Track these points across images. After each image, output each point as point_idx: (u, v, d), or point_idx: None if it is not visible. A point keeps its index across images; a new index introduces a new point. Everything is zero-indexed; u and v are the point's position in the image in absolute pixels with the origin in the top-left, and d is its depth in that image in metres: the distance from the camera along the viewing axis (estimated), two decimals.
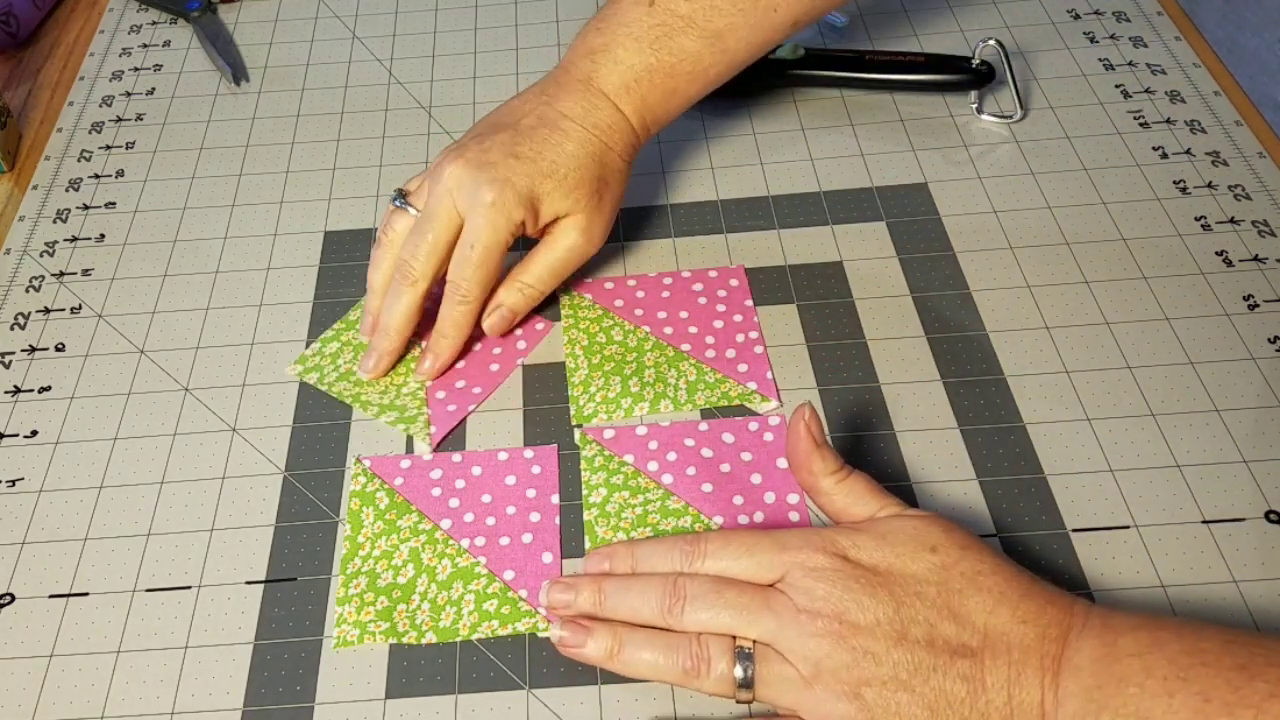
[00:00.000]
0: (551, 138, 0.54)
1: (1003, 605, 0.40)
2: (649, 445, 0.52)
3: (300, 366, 0.56)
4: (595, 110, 0.55)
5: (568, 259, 0.56)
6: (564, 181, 0.53)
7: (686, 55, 0.56)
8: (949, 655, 0.39)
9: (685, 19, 0.55)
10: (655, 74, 0.56)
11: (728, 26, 0.56)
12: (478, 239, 0.53)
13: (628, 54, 0.56)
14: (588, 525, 0.49)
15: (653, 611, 0.43)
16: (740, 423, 0.53)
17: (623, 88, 0.56)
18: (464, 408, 0.54)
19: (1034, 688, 0.38)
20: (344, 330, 0.58)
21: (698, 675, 0.41)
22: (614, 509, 0.50)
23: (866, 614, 0.40)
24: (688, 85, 0.57)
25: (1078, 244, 0.59)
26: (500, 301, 0.55)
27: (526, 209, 0.53)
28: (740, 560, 0.43)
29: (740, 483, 0.50)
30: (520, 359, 0.56)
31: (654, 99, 0.56)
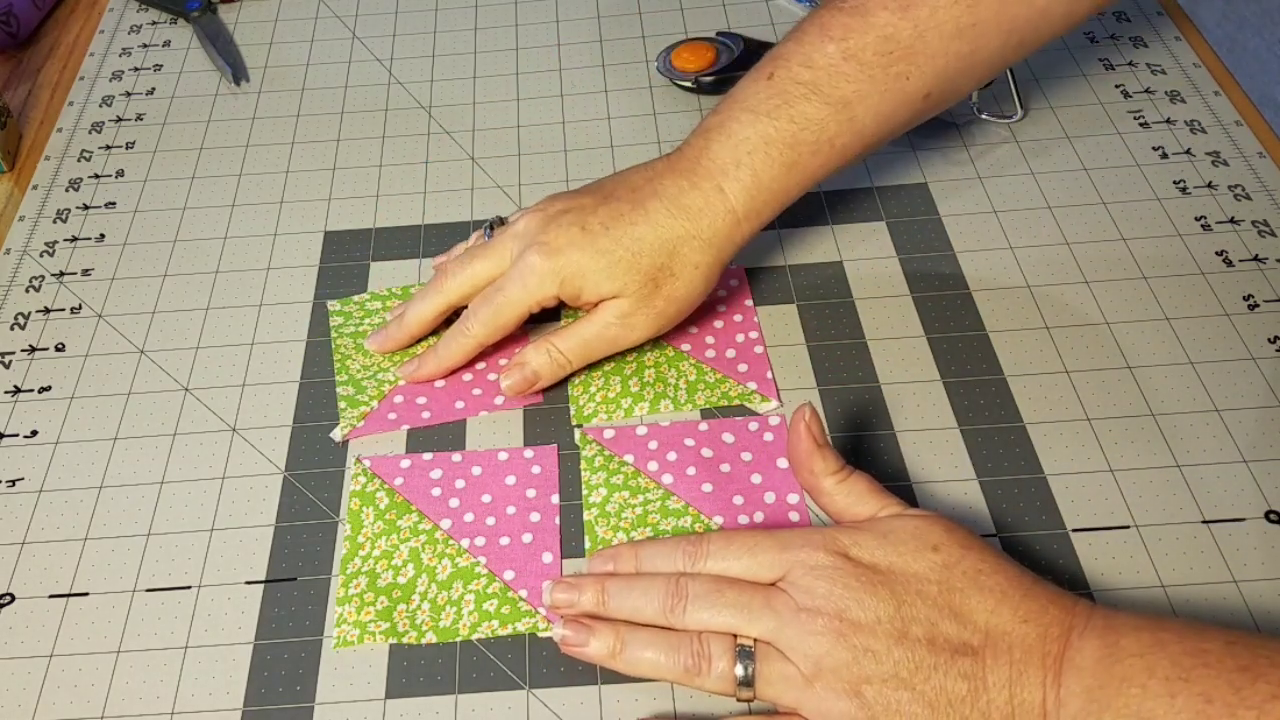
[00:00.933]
0: (628, 215, 0.51)
1: (1004, 604, 0.40)
2: (649, 445, 0.52)
3: (338, 305, 0.59)
4: (690, 191, 0.52)
5: (599, 340, 0.52)
6: (615, 264, 0.51)
7: (809, 122, 0.51)
8: (950, 654, 0.39)
9: (807, 85, 0.51)
10: (772, 145, 0.51)
11: (855, 94, 0.51)
12: (504, 289, 0.52)
13: (742, 126, 0.52)
14: (588, 525, 0.49)
15: (655, 611, 0.43)
16: (740, 423, 0.53)
17: (732, 162, 0.51)
18: (402, 423, 0.53)
19: (1035, 687, 0.38)
20: (390, 298, 0.59)
21: (699, 673, 0.42)
22: (614, 509, 0.50)
23: (867, 612, 0.40)
24: (810, 157, 0.52)
25: (1078, 244, 0.59)
26: (525, 360, 0.53)
27: (562, 288, 0.51)
28: (742, 559, 0.43)
29: (740, 483, 0.50)
30: (485, 410, 0.54)
31: (769, 174, 0.51)
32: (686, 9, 0.77)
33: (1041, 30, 0.53)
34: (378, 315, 0.58)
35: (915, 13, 0.51)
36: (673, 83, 0.70)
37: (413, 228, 0.63)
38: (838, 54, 0.51)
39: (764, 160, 0.51)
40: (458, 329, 0.54)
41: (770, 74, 0.52)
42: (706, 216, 0.52)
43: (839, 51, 0.51)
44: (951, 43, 0.51)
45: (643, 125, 0.68)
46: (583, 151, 0.67)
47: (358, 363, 0.56)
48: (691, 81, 0.69)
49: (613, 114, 0.69)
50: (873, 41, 0.51)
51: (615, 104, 0.70)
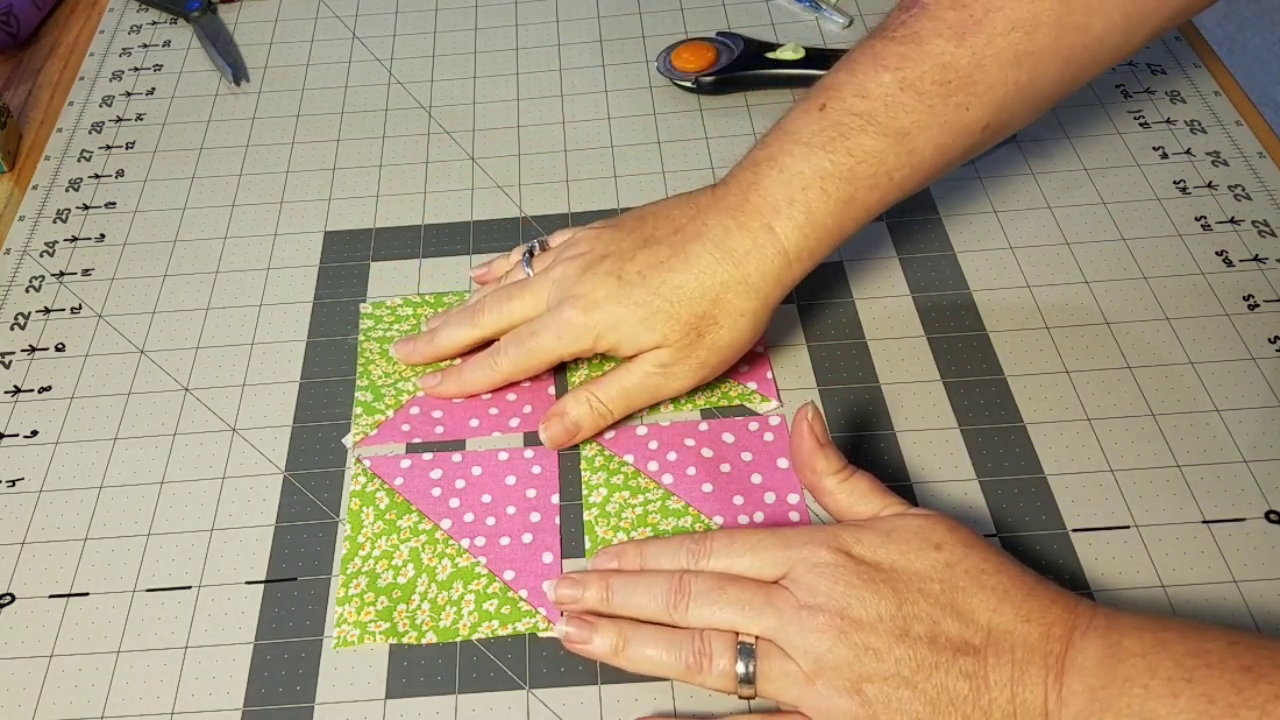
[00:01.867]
0: (667, 262, 0.49)
1: (1006, 604, 0.40)
2: (649, 445, 0.52)
3: (370, 307, 0.59)
4: (738, 230, 0.49)
5: (640, 389, 0.51)
6: (653, 315, 0.49)
7: (867, 155, 0.48)
8: (951, 652, 0.39)
9: (864, 116, 0.49)
10: (828, 180, 0.48)
11: (914, 125, 0.48)
12: (537, 335, 0.51)
13: (795, 160, 0.49)
14: (588, 525, 0.49)
15: (658, 607, 0.43)
16: (740, 423, 0.53)
17: (785, 199, 0.49)
18: (415, 436, 0.53)
19: (1037, 686, 0.38)
20: (422, 305, 0.59)
21: (700, 671, 0.42)
22: (614, 509, 0.50)
23: (869, 610, 0.40)
24: (868, 193, 0.49)
25: (1078, 244, 0.59)
26: (565, 411, 0.51)
27: (598, 342, 0.50)
28: (744, 557, 0.43)
29: (740, 482, 0.50)
30: (499, 431, 0.53)
31: (824, 210, 0.49)
32: (686, 9, 0.77)
33: (1099, 58, 0.51)
34: (408, 322, 0.58)
35: (972, 41, 0.48)
36: (673, 83, 0.70)
37: (413, 228, 0.63)
38: (894, 84, 0.49)
39: (819, 196, 0.49)
40: (486, 359, 0.53)
41: (823, 105, 0.50)
42: (754, 259, 0.49)
43: (895, 81, 0.49)
44: (1010, 72, 0.49)
45: (643, 125, 0.68)
46: (583, 151, 0.67)
47: (380, 369, 0.56)
48: (691, 81, 0.69)
49: (613, 114, 0.69)
50: (930, 70, 0.48)
51: (615, 104, 0.70)
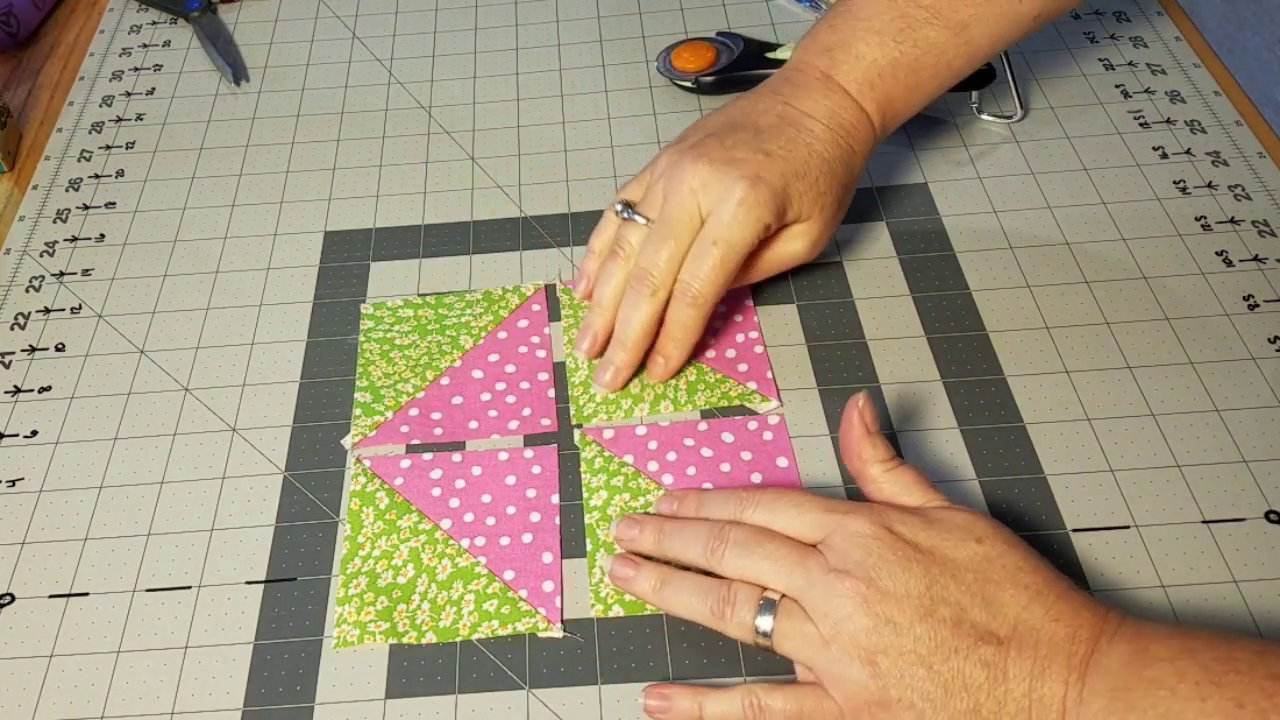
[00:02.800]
0: (800, 138, 0.51)
1: (1037, 602, 0.40)
2: (649, 445, 0.52)
3: (371, 308, 0.58)
4: (841, 110, 0.53)
5: (786, 264, 0.53)
6: (814, 185, 0.51)
7: (930, 47, 0.53)
8: (974, 639, 0.39)
9: (928, 9, 0.53)
10: (899, 68, 0.53)
11: (972, 17, 0.54)
12: (721, 236, 0.50)
13: (869, 49, 0.53)
14: (589, 529, 0.49)
15: (697, 553, 0.44)
16: (740, 422, 0.53)
17: (865, 84, 0.53)
18: (414, 437, 0.53)
19: (1057, 684, 0.38)
20: (423, 306, 0.58)
21: (723, 619, 0.43)
22: (615, 512, 0.50)
23: (897, 583, 0.40)
24: (930, 79, 0.54)
25: (1078, 244, 0.59)
26: None
27: (776, 211, 0.50)
28: (787, 514, 0.44)
29: (740, 482, 0.50)
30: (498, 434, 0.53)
31: (897, 94, 0.54)
32: (686, 9, 0.77)
33: None
34: (409, 323, 0.58)
35: None
36: (673, 83, 0.70)
37: (413, 228, 0.63)
38: None
39: (892, 82, 0.53)
40: (682, 302, 0.51)
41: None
42: (858, 132, 0.53)
43: None
44: None
45: (643, 125, 0.68)
46: (583, 151, 0.67)
47: (379, 369, 0.56)
48: (691, 81, 0.69)
49: (613, 114, 0.69)
50: None
51: (615, 104, 0.70)
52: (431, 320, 0.58)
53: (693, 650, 0.45)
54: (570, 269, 0.60)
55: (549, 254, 0.61)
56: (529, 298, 0.59)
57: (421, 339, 0.57)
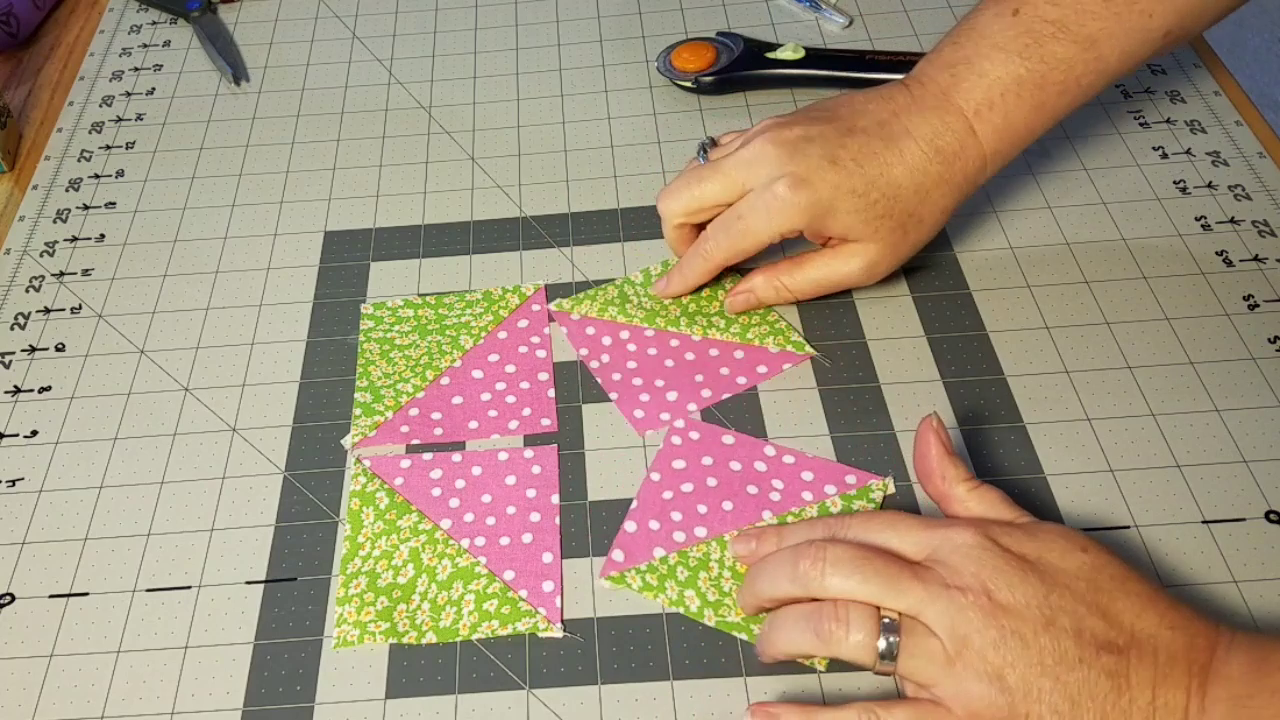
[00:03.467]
0: (882, 154, 0.51)
1: (1151, 610, 0.39)
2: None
3: (371, 308, 0.58)
4: (946, 132, 0.51)
5: (838, 283, 0.54)
6: (871, 206, 0.50)
7: (1058, 63, 0.51)
8: (1096, 649, 0.38)
9: (1055, 24, 0.51)
10: (1024, 86, 0.51)
11: (1101, 31, 0.51)
12: (745, 215, 0.51)
13: (993, 65, 0.51)
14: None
15: (790, 581, 0.42)
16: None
17: (985, 104, 0.51)
18: (414, 437, 0.53)
19: (1179, 691, 0.38)
20: (423, 306, 0.58)
21: (831, 640, 0.40)
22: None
23: (1016, 595, 0.39)
24: (1057, 98, 0.52)
25: (1078, 244, 0.59)
26: (752, 287, 0.55)
27: (810, 220, 0.50)
28: (884, 533, 0.42)
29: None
30: (498, 434, 0.53)
31: (1019, 115, 0.52)
32: (686, 9, 0.77)
33: None
34: (409, 323, 0.58)
35: None
36: (673, 83, 0.70)
37: (413, 228, 0.63)
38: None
39: (1015, 102, 0.51)
40: (697, 249, 0.54)
41: (1015, 10, 0.52)
42: (960, 160, 0.51)
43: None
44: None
45: (643, 125, 0.68)
46: (583, 151, 0.67)
47: (379, 369, 0.56)
48: (691, 81, 0.69)
49: (613, 114, 0.69)
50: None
51: (615, 104, 0.70)
52: (431, 320, 0.58)
53: (693, 650, 0.45)
54: (570, 269, 0.60)
55: (549, 254, 0.61)
56: (529, 298, 0.59)
57: (421, 339, 0.57)
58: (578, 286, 0.59)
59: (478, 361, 0.56)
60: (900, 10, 0.75)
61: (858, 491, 0.50)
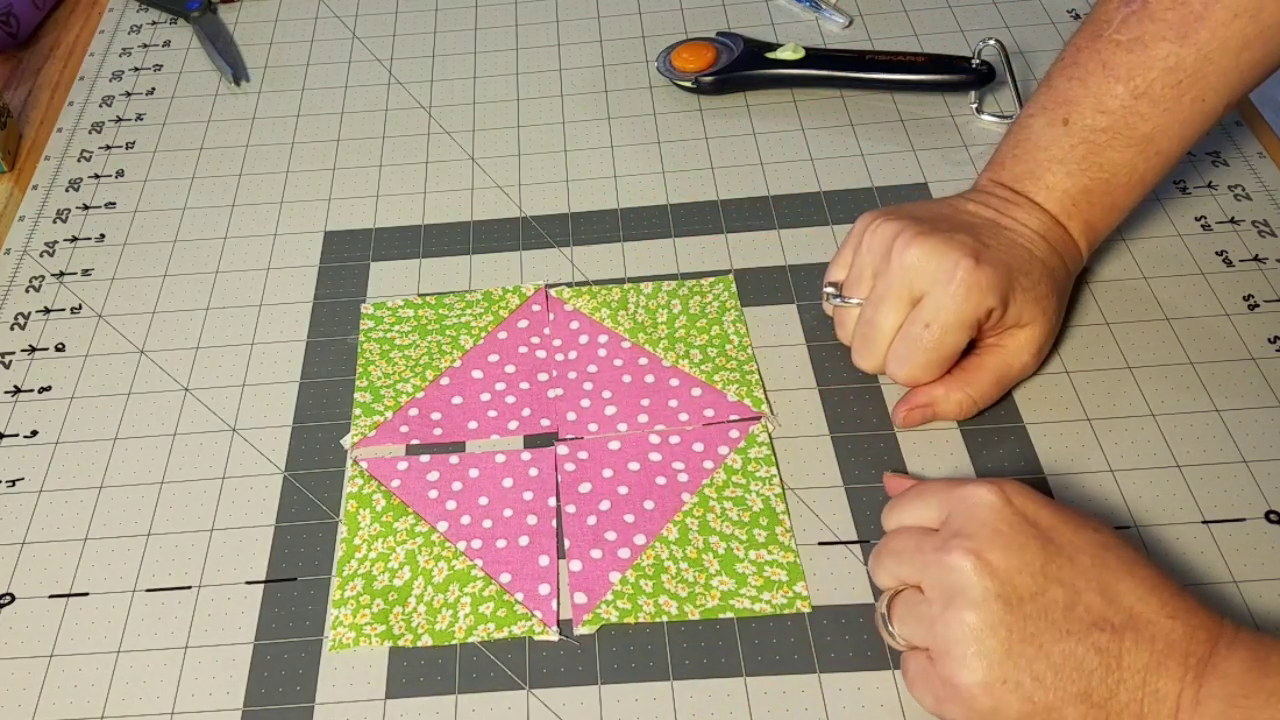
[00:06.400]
0: (1017, 240, 0.50)
1: (1154, 595, 0.39)
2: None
3: (371, 308, 0.58)
4: (1051, 226, 0.51)
5: (1015, 376, 0.51)
6: (1035, 285, 0.49)
7: (1120, 168, 0.51)
8: (1087, 624, 0.38)
9: (1108, 131, 0.51)
10: (1092, 195, 0.52)
11: (1156, 130, 0.51)
12: (936, 317, 0.48)
13: (1058, 179, 0.52)
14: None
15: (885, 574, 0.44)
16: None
17: (1063, 212, 0.52)
18: (414, 437, 0.53)
19: (1172, 681, 0.37)
20: (423, 306, 0.58)
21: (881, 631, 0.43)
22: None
23: (1011, 558, 0.39)
24: (1125, 197, 0.53)
25: None
26: (933, 400, 0.50)
27: (1000, 298, 0.48)
28: (913, 506, 0.44)
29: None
30: (498, 434, 0.53)
31: (1096, 217, 0.52)
32: (686, 9, 0.77)
33: None
34: (408, 323, 0.58)
35: (1196, 38, 0.49)
36: (673, 83, 0.70)
37: (413, 228, 0.63)
38: (1128, 95, 0.50)
39: (1088, 210, 0.52)
40: (895, 376, 0.51)
41: (1065, 119, 0.52)
42: (1069, 250, 0.52)
43: (1128, 92, 0.50)
44: (1240, 55, 0.49)
45: (643, 125, 0.68)
46: (583, 151, 0.67)
47: (379, 369, 0.56)
48: (691, 81, 0.69)
49: (613, 114, 0.69)
50: (1160, 75, 0.50)
51: (615, 104, 0.70)
52: (431, 320, 0.58)
53: (692, 650, 0.45)
54: (570, 269, 0.60)
55: (549, 254, 0.61)
56: (529, 298, 0.59)
57: (421, 339, 0.57)
58: (578, 286, 0.59)
59: (478, 362, 0.56)
60: (900, 10, 0.75)
61: (746, 440, 0.51)
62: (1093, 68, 0.51)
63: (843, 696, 0.44)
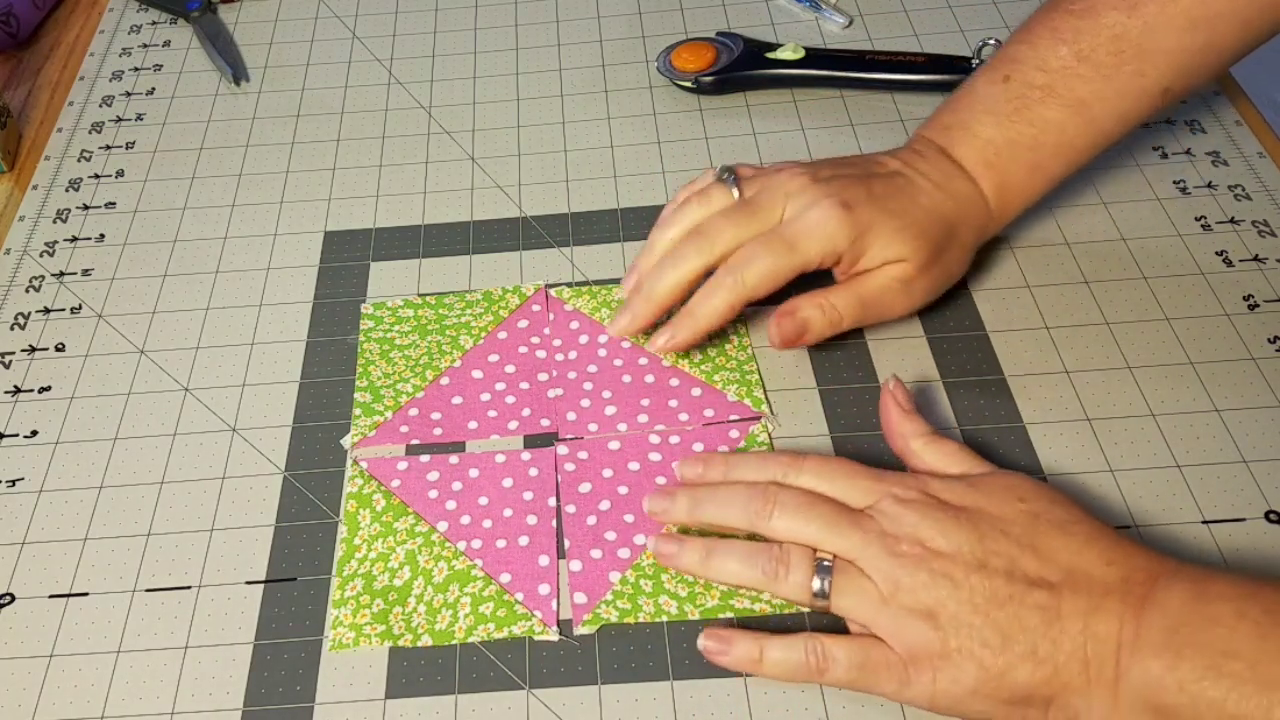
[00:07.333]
0: (906, 189, 0.52)
1: (1090, 548, 0.41)
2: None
3: (371, 308, 0.58)
4: (954, 179, 0.53)
5: (876, 302, 0.52)
6: (908, 227, 0.51)
7: (1049, 126, 0.53)
8: (1026, 585, 0.40)
9: (1044, 89, 0.53)
10: (1016, 147, 0.53)
11: (1092, 94, 0.53)
12: (789, 236, 0.50)
13: (984, 128, 0.53)
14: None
15: (740, 514, 0.45)
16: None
17: (981, 163, 0.53)
18: (414, 437, 0.53)
19: (1112, 620, 0.39)
20: (423, 306, 0.58)
21: (775, 579, 0.43)
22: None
23: (949, 541, 0.41)
24: (1051, 160, 0.54)
25: (1078, 244, 0.59)
26: (796, 310, 0.51)
27: (852, 240, 0.50)
28: (837, 482, 0.45)
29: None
30: (497, 434, 0.53)
31: (1015, 176, 0.54)
32: (686, 9, 0.77)
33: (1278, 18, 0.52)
34: (408, 323, 0.58)
35: (1144, 10, 0.52)
36: (673, 83, 0.70)
37: (413, 228, 0.63)
38: (1071, 56, 0.52)
39: (1010, 162, 0.53)
40: (720, 283, 0.50)
41: (1006, 76, 0.54)
42: (972, 205, 0.53)
43: (1072, 54, 0.52)
44: (1184, 36, 0.52)
45: (643, 125, 0.68)
46: (583, 151, 0.67)
47: (379, 369, 0.56)
48: (691, 81, 0.69)
49: (613, 114, 0.69)
50: (1104, 42, 0.52)
51: (615, 104, 0.70)
52: (431, 320, 0.58)
53: (692, 650, 0.45)
54: (570, 269, 0.60)
55: (549, 254, 0.61)
56: (529, 298, 0.59)
57: (421, 339, 0.57)
58: (578, 286, 0.59)
59: (477, 362, 0.56)
60: (900, 10, 0.75)
61: (747, 440, 0.52)
62: (1042, 32, 0.54)
63: (843, 696, 0.44)
